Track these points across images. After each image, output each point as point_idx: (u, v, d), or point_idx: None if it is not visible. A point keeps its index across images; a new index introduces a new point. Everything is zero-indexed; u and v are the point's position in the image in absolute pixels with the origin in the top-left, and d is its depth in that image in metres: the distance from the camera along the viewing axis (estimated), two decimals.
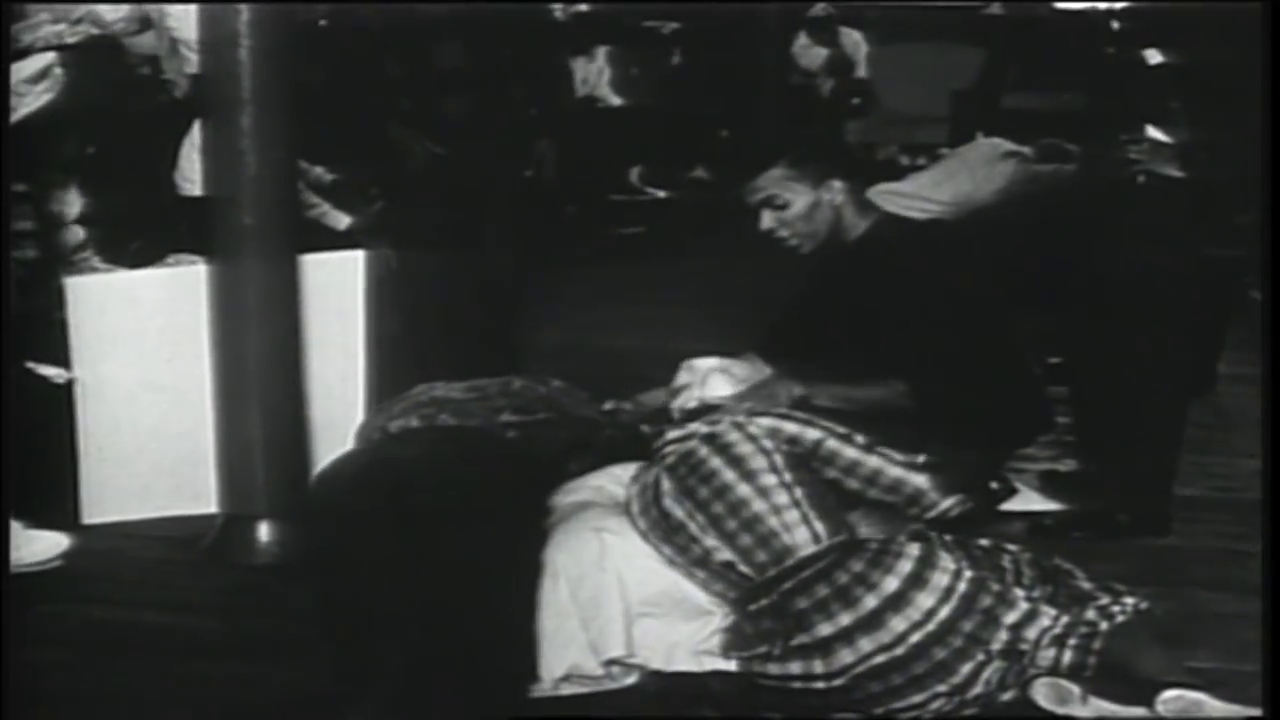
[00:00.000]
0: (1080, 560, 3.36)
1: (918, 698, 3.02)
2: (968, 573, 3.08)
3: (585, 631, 3.17)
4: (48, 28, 4.60)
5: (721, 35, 9.40)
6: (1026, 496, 4.11)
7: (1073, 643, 3.07)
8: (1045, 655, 3.07)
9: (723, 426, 3.23)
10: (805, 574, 3.07)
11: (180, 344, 4.14)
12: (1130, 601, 3.16)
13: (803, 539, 3.09)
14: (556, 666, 3.16)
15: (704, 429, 3.26)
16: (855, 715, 3.04)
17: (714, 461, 3.17)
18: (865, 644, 3.02)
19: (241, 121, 3.83)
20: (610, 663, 3.18)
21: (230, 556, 3.96)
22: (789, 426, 3.27)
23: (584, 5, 9.04)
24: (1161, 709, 3.00)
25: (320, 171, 5.26)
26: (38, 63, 4.52)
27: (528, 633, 3.19)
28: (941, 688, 3.01)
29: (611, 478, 3.48)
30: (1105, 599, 3.15)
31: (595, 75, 8.92)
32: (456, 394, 3.77)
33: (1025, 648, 3.05)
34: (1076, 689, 3.04)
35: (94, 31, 4.70)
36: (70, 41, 4.62)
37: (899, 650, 3.01)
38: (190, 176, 4.91)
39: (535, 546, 3.26)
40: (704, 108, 9.24)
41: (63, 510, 4.10)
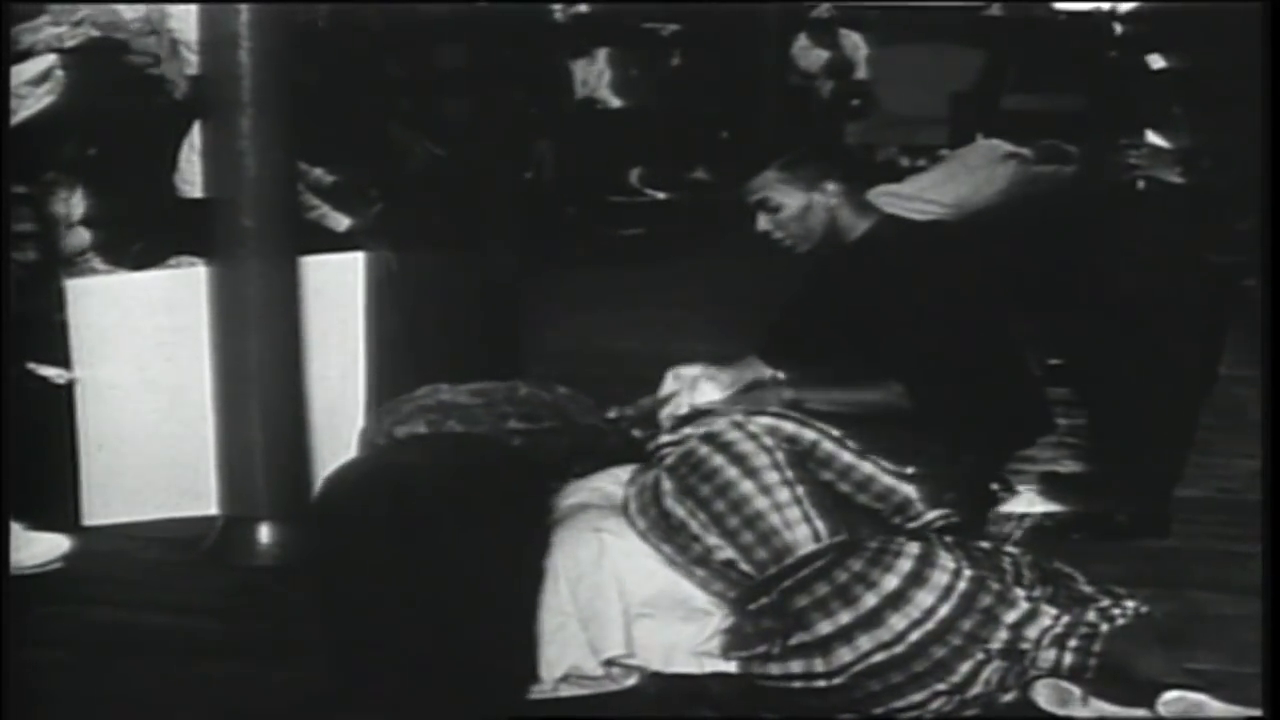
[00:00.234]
0: (1080, 561, 3.36)
1: (918, 696, 3.02)
2: (968, 572, 3.09)
3: (585, 631, 3.17)
4: (49, 30, 4.61)
5: (721, 37, 9.41)
6: (1027, 498, 4.12)
7: (1073, 644, 3.07)
8: (1046, 656, 3.08)
9: (721, 425, 3.22)
10: (805, 572, 3.07)
11: (180, 346, 4.14)
12: (1131, 605, 3.17)
13: (803, 536, 3.10)
14: (556, 667, 3.16)
15: (701, 430, 3.26)
16: (855, 715, 3.04)
17: (716, 459, 3.16)
18: (865, 642, 3.02)
19: (241, 123, 3.84)
20: (610, 663, 3.18)
21: (230, 558, 3.96)
22: (787, 425, 3.27)
23: (584, 7, 9.04)
24: (1163, 710, 3.00)
25: (320, 173, 5.25)
26: (39, 65, 4.53)
27: (528, 635, 3.19)
28: (941, 686, 3.01)
29: (611, 478, 3.48)
30: (1106, 601, 3.16)
31: (595, 77, 8.92)
32: (463, 399, 3.76)
33: (1026, 647, 3.05)
34: (1077, 690, 3.04)
35: (94, 34, 4.71)
36: (71, 44, 4.62)
37: (899, 648, 3.01)
38: (189, 178, 4.91)
39: (539, 553, 3.26)
40: (704, 109, 9.25)
41: (63, 512, 4.10)
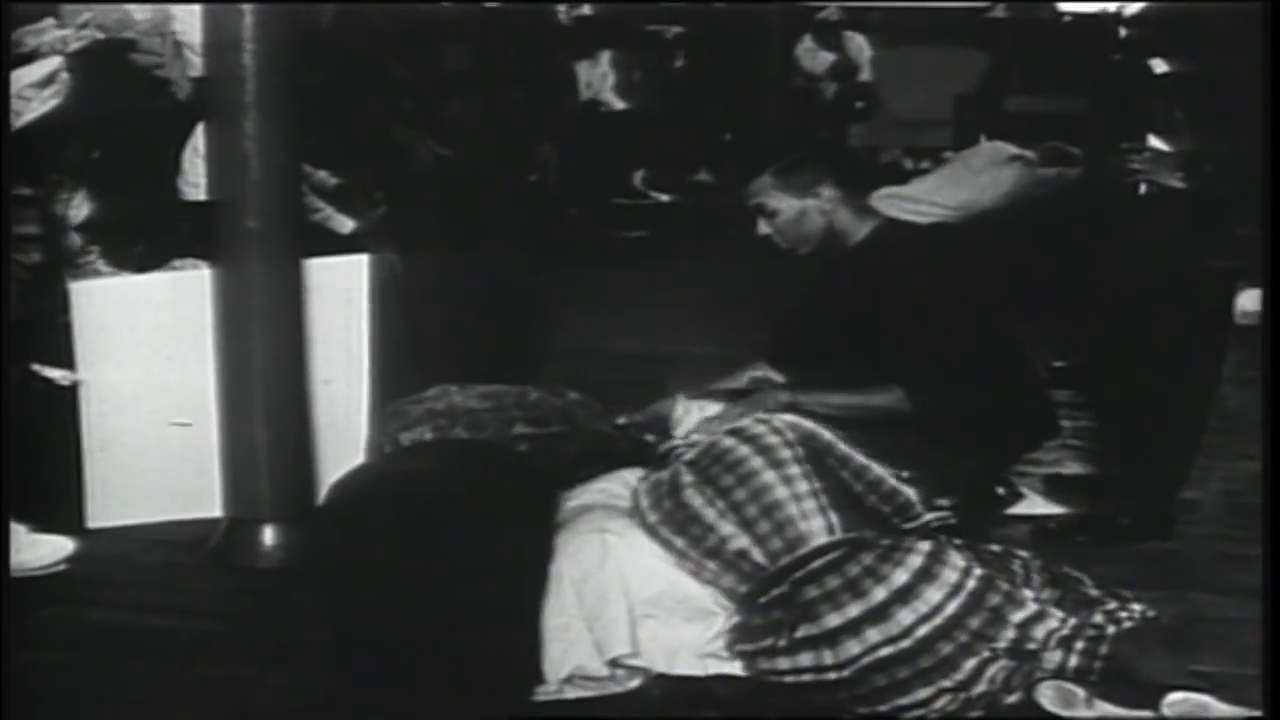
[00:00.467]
0: (1084, 564, 3.37)
1: (923, 693, 3.03)
2: (977, 571, 3.12)
3: (590, 632, 3.17)
4: (54, 32, 4.61)
5: (725, 39, 9.40)
6: (1030, 500, 4.12)
7: (1080, 646, 3.09)
8: (1052, 658, 3.09)
9: (747, 421, 3.30)
10: (817, 564, 3.10)
11: (184, 348, 4.14)
12: (1138, 609, 3.19)
13: (818, 528, 3.14)
14: (562, 667, 3.16)
15: (726, 426, 3.35)
16: (861, 714, 3.05)
17: (742, 450, 3.22)
18: (872, 635, 3.04)
19: (245, 125, 3.83)
20: (615, 664, 3.18)
21: (235, 560, 3.95)
22: (807, 424, 3.32)
23: (587, 9, 9.03)
24: (1167, 711, 3.00)
25: (324, 175, 5.25)
26: (44, 68, 4.53)
27: (531, 638, 3.19)
28: (946, 683, 3.03)
29: (618, 481, 3.50)
30: (1113, 605, 3.18)
31: (599, 79, 8.92)
32: (473, 402, 3.77)
33: (1033, 646, 3.07)
34: (1081, 692, 3.05)
35: (100, 36, 4.70)
36: (77, 47, 4.62)
37: (905, 643, 3.03)
38: (193, 181, 4.91)
39: (542, 558, 3.27)
40: (707, 112, 9.24)
41: (68, 514, 4.10)
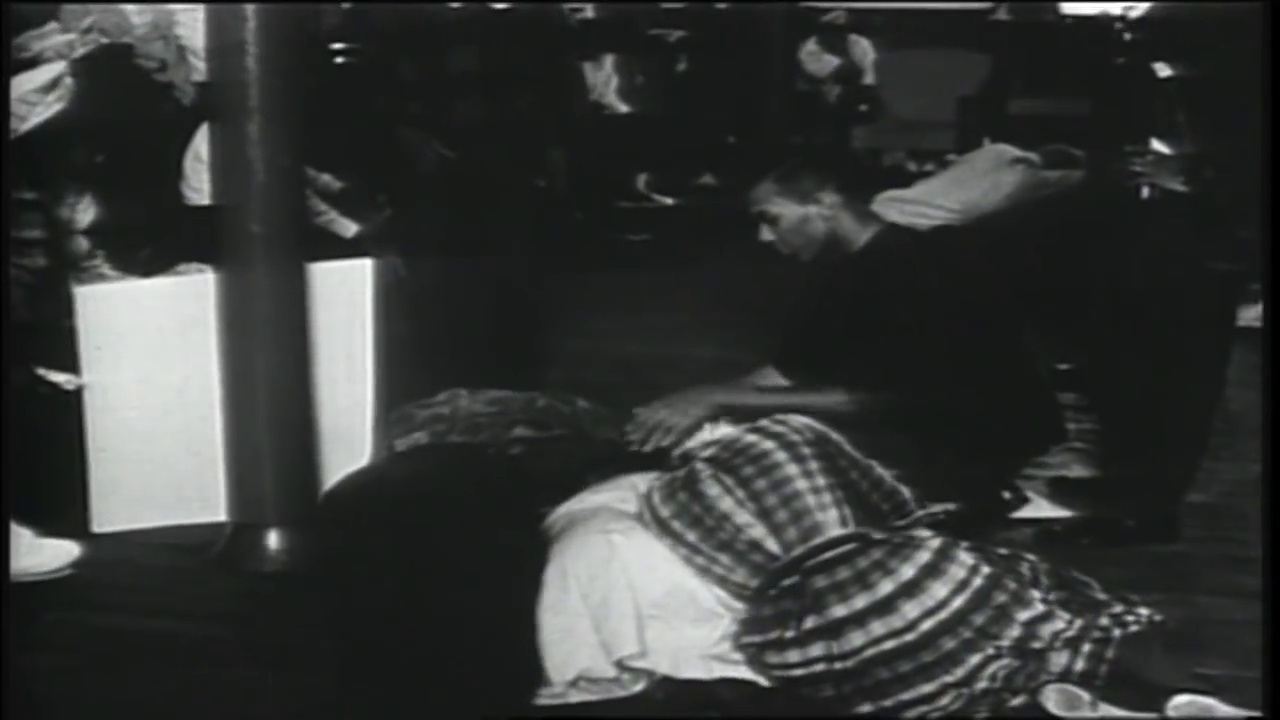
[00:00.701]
0: (1089, 566, 3.37)
1: (927, 688, 3.04)
2: (985, 569, 3.14)
3: (597, 633, 3.17)
4: (58, 37, 4.62)
5: (728, 43, 9.41)
6: (1035, 503, 4.12)
7: (1086, 649, 3.09)
8: (1058, 660, 3.09)
9: (765, 421, 3.33)
10: (829, 554, 3.12)
11: (189, 352, 4.14)
12: (1144, 612, 3.20)
13: (833, 519, 3.16)
14: (568, 669, 3.16)
15: (745, 424, 3.36)
16: (865, 710, 3.05)
17: (766, 444, 3.25)
18: (877, 627, 3.06)
19: (249, 129, 3.83)
20: (621, 665, 3.17)
21: (239, 564, 3.96)
22: (819, 426, 3.33)
23: (590, 11, 9.04)
24: (1172, 714, 3.00)
25: (328, 179, 5.26)
26: (48, 72, 4.53)
27: (526, 642, 3.19)
28: (949, 679, 3.03)
29: (625, 485, 3.50)
30: (1119, 608, 3.18)
31: (602, 83, 8.93)
32: (478, 407, 3.78)
33: (1038, 646, 3.07)
34: (1086, 695, 3.05)
35: (103, 40, 4.71)
36: (82, 52, 4.63)
37: (909, 636, 3.05)
38: (194, 185, 4.91)
39: (534, 560, 3.27)
40: (710, 115, 9.25)
41: (73, 518, 4.10)
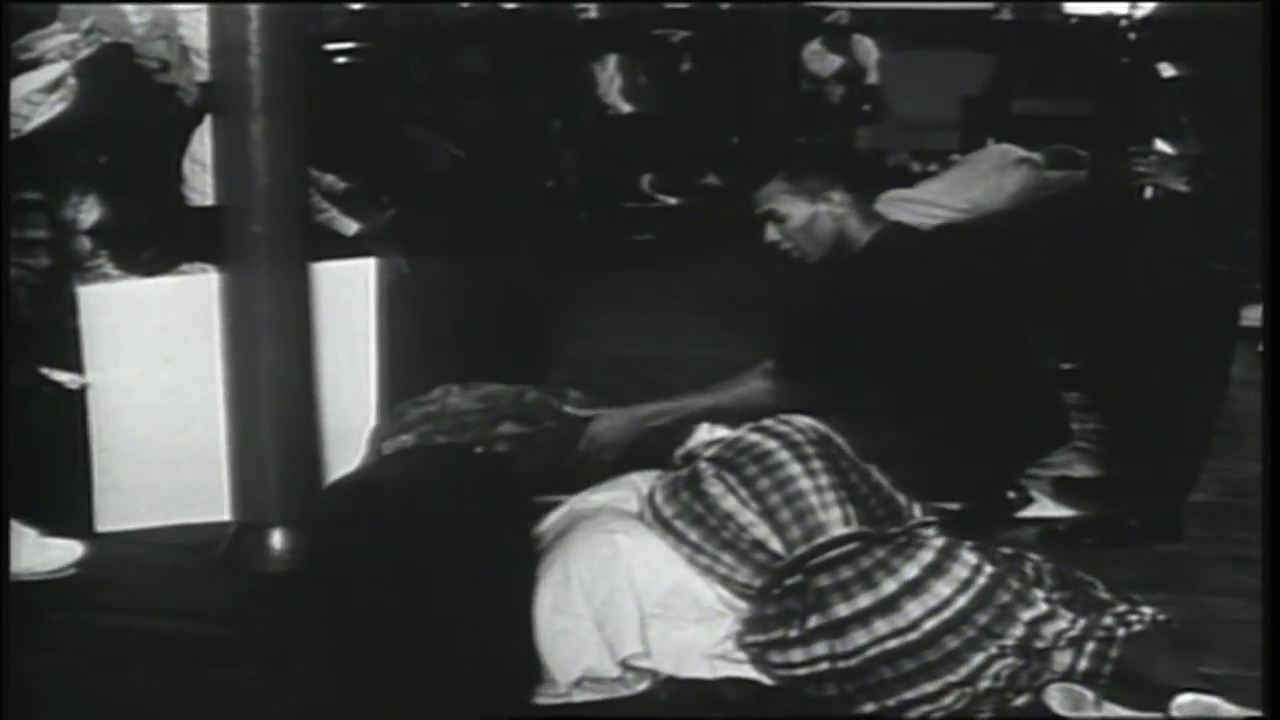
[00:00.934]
0: (1093, 566, 3.37)
1: (930, 687, 3.04)
2: (988, 568, 3.14)
3: (600, 632, 3.17)
4: (60, 37, 4.61)
5: (731, 42, 9.40)
6: (1039, 503, 4.12)
7: (1090, 648, 3.09)
8: (1061, 659, 3.09)
9: (769, 420, 3.32)
10: (833, 554, 3.12)
11: (192, 352, 4.15)
12: (1148, 612, 3.20)
13: (836, 518, 3.15)
14: (572, 669, 3.16)
15: (749, 424, 3.34)
16: (868, 709, 3.05)
17: (769, 443, 3.25)
18: (880, 626, 3.06)
19: (252, 130, 3.84)
20: (625, 665, 3.17)
21: (243, 564, 3.96)
22: (821, 427, 3.33)
23: (593, 12, 9.04)
24: (1176, 713, 3.00)
25: (332, 180, 5.25)
26: (51, 73, 4.53)
27: (522, 640, 3.19)
28: (952, 678, 3.03)
29: (627, 485, 3.50)
30: (1123, 607, 3.18)
31: (606, 83, 8.92)
32: (468, 403, 3.77)
33: (1041, 645, 3.07)
34: (1090, 694, 3.05)
35: (105, 40, 4.71)
36: (86, 52, 4.63)
37: (912, 635, 3.05)
38: (194, 187, 4.91)
39: (523, 556, 3.27)
40: (714, 115, 9.24)
41: (76, 518, 4.10)
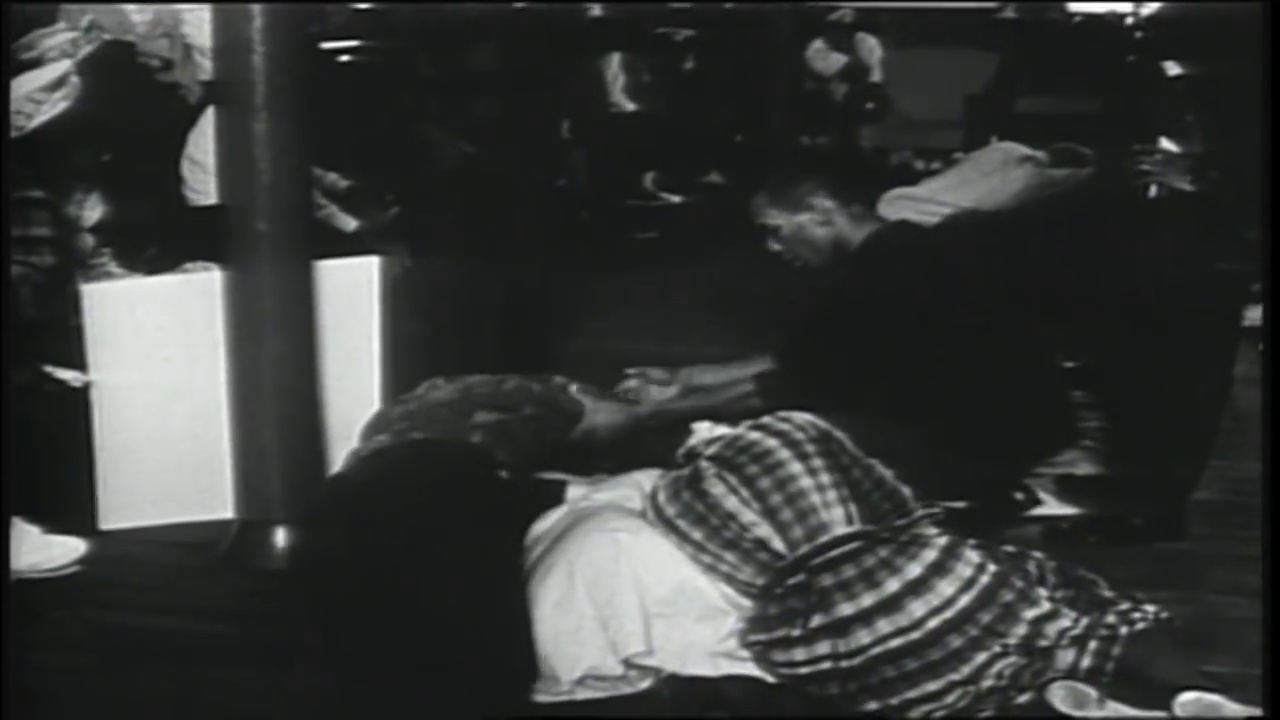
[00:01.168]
0: (1097, 564, 3.37)
1: (933, 686, 3.04)
2: (991, 567, 3.14)
3: (604, 630, 3.16)
4: (63, 36, 4.62)
5: (735, 41, 9.40)
6: (1043, 501, 4.12)
7: (1093, 646, 3.09)
8: (1064, 657, 3.09)
9: (768, 418, 3.32)
10: (835, 553, 3.12)
11: (196, 350, 4.15)
12: (1151, 610, 3.19)
13: (838, 517, 3.15)
14: (575, 667, 3.15)
15: (749, 422, 3.34)
16: (872, 708, 3.05)
17: (769, 442, 3.24)
18: (883, 625, 3.05)
19: (255, 128, 3.84)
20: (628, 663, 3.17)
21: (246, 562, 3.96)
22: (822, 423, 3.33)
23: (597, 10, 9.04)
24: (1179, 711, 3.00)
25: (335, 178, 5.26)
26: (54, 71, 4.53)
27: (518, 637, 3.18)
28: (956, 677, 3.03)
29: (630, 483, 3.50)
30: (1126, 605, 3.18)
31: (610, 81, 8.93)
32: (445, 396, 3.79)
33: (1044, 644, 3.07)
34: (1094, 692, 3.05)
35: (107, 38, 4.71)
36: (88, 50, 4.63)
37: (915, 634, 3.04)
38: (192, 186, 4.91)
39: (503, 551, 3.28)
40: (718, 113, 9.24)
41: (79, 515, 4.11)
